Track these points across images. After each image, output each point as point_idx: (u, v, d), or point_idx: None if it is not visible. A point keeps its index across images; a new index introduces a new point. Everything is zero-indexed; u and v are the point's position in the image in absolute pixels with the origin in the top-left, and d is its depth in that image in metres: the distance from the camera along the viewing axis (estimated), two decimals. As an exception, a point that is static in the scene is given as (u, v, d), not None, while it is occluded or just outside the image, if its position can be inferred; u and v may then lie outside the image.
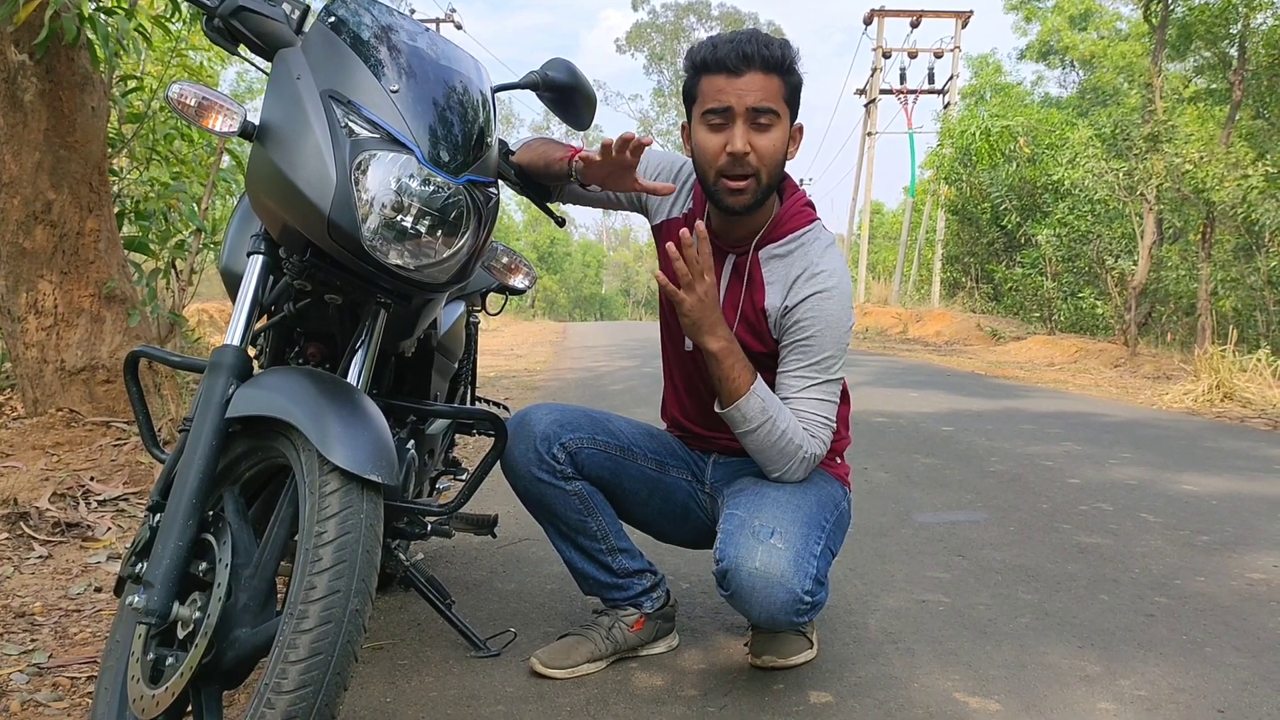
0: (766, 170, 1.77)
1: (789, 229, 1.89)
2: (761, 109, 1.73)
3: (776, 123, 1.76)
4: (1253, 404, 6.65)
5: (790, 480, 1.85)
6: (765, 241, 1.89)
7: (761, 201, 1.82)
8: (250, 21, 1.58)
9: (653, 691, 1.89)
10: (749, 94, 1.73)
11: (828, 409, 1.85)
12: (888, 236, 32.85)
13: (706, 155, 1.79)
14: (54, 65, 3.52)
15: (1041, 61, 27.30)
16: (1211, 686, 1.93)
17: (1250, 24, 11.34)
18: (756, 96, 1.73)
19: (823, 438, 1.84)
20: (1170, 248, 11.73)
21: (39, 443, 3.42)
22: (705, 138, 1.78)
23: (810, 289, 1.83)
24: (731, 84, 1.73)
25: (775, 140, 1.77)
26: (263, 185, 1.53)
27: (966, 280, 18.73)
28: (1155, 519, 3.31)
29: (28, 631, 2.12)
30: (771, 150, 1.77)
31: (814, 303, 1.82)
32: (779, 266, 1.88)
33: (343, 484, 1.33)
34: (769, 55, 1.73)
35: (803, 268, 1.85)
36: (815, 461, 1.85)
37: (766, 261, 1.89)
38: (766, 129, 1.75)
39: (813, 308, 1.82)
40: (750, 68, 1.72)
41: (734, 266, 1.91)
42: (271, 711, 1.22)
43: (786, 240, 1.89)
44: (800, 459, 1.82)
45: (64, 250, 3.63)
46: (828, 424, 1.85)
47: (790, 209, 1.90)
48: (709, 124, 1.77)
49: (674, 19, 45.69)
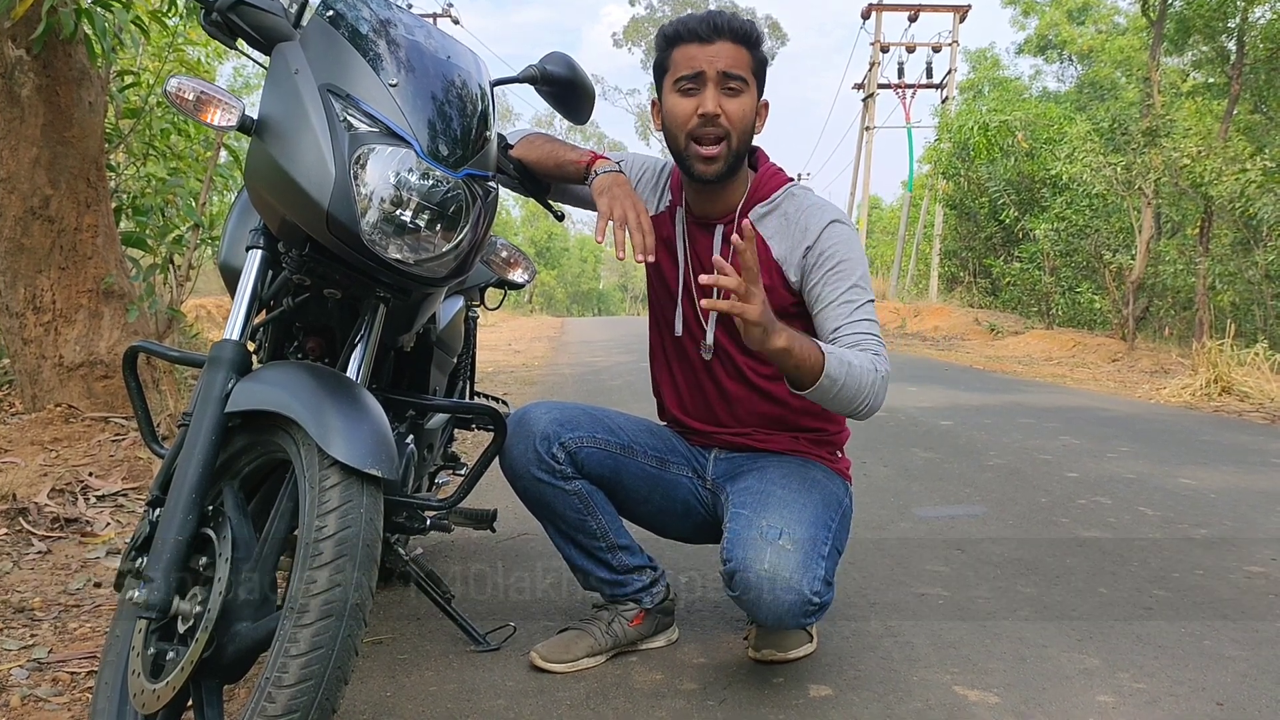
0: (736, 134, 1.81)
1: (769, 190, 1.93)
2: (732, 74, 1.79)
3: (745, 89, 1.81)
4: (1251, 398, 6.66)
5: (876, 410, 1.76)
6: (750, 205, 1.92)
7: (733, 169, 1.85)
8: (248, 16, 1.58)
9: (652, 685, 1.89)
10: (719, 59, 1.78)
11: (876, 328, 1.81)
12: (886, 231, 32.88)
13: (678, 120, 1.82)
14: (51, 60, 3.51)
15: (1039, 56, 27.29)
16: (1210, 679, 1.93)
17: (1248, 18, 11.33)
18: (727, 62, 1.78)
19: (884, 355, 1.78)
20: (1168, 242, 11.72)
21: (38, 438, 3.41)
22: (677, 103, 1.82)
23: (820, 223, 1.85)
24: (703, 50, 1.79)
25: (744, 106, 1.81)
26: (261, 180, 1.53)
27: (964, 275, 18.73)
28: (1154, 512, 3.32)
29: (27, 626, 2.12)
30: (741, 114, 1.81)
31: (832, 230, 1.84)
32: (773, 220, 1.91)
33: (343, 478, 1.33)
34: (737, 26, 1.80)
35: (800, 210, 1.88)
36: (887, 382, 1.77)
37: (759, 220, 1.91)
38: (736, 94, 1.80)
39: (832, 234, 1.84)
40: (720, 36, 1.79)
41: (723, 237, 1.93)
42: (272, 705, 1.22)
43: (771, 199, 1.92)
44: (881, 382, 1.73)
45: (62, 246, 3.63)
46: (881, 343, 1.80)
47: (765, 174, 1.95)
48: (681, 90, 1.82)
49: (671, 13, 45.64)
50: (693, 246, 1.97)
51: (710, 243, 1.94)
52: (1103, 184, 11.23)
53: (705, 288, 1.89)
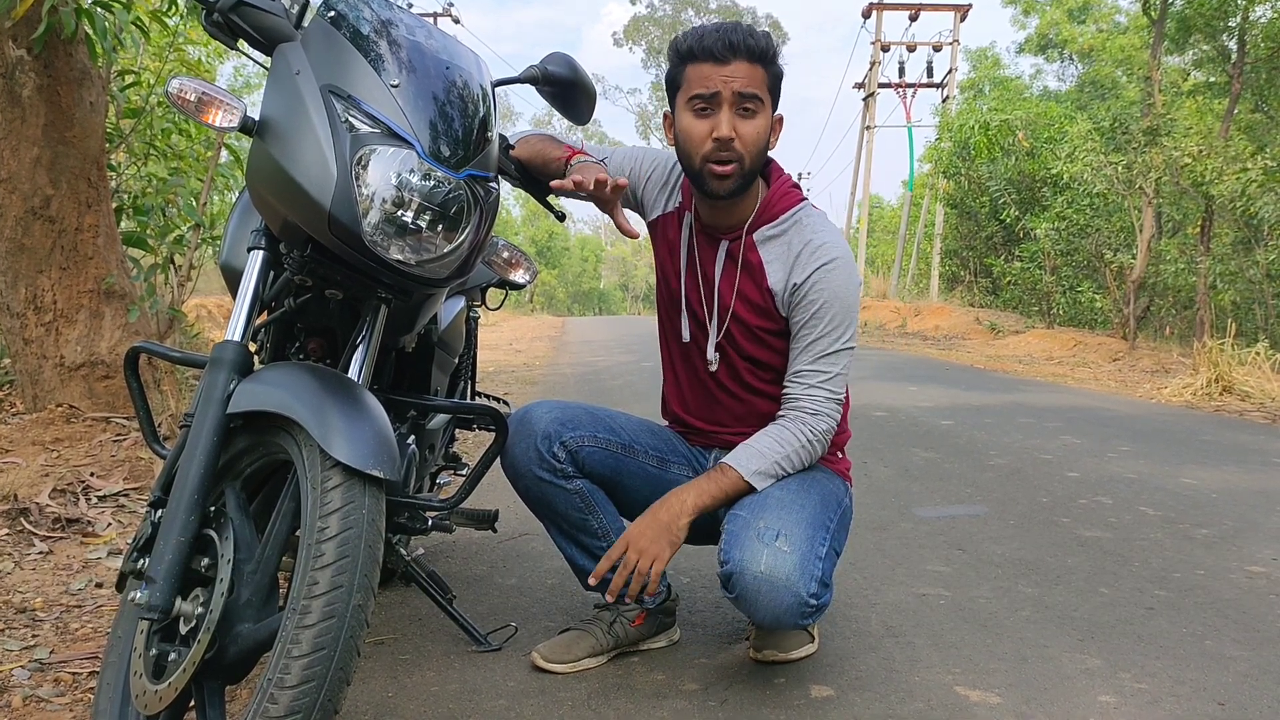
0: (750, 156, 1.80)
1: (779, 210, 1.92)
2: (747, 94, 1.77)
3: (761, 109, 1.80)
4: (1252, 397, 6.66)
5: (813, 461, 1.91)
6: (758, 225, 1.91)
7: (744, 187, 1.84)
8: (250, 16, 1.58)
9: (654, 686, 1.89)
10: (735, 80, 1.76)
11: (834, 382, 1.87)
12: (886, 230, 32.87)
13: (692, 141, 1.81)
14: (52, 60, 3.51)
15: (1040, 55, 27.28)
16: (1212, 679, 1.93)
17: (1249, 16, 11.33)
18: (742, 82, 1.76)
19: (826, 411, 1.87)
20: (1169, 241, 11.71)
21: (39, 438, 3.42)
22: (691, 123, 1.81)
23: (815, 263, 1.85)
24: (718, 71, 1.77)
25: (759, 127, 1.80)
26: (263, 180, 1.53)
27: (965, 274, 18.72)
28: (1155, 512, 3.32)
29: (29, 627, 2.12)
30: (755, 136, 1.79)
31: (819, 276, 1.85)
32: (776, 246, 1.90)
33: (345, 479, 1.33)
34: (754, 45, 1.77)
35: (803, 243, 1.88)
36: (827, 437, 1.89)
37: (763, 243, 1.91)
38: (751, 115, 1.79)
39: (819, 281, 1.85)
40: (736, 56, 1.76)
41: (728, 252, 1.93)
42: (274, 706, 1.22)
43: (779, 221, 1.91)
44: (812, 448, 1.88)
45: (63, 246, 3.63)
46: (832, 396, 1.87)
47: (778, 192, 1.93)
48: (694, 110, 1.80)
49: (672, 12, 45.54)
50: (697, 257, 1.97)
51: (714, 256, 1.93)
52: (1103, 183, 11.23)
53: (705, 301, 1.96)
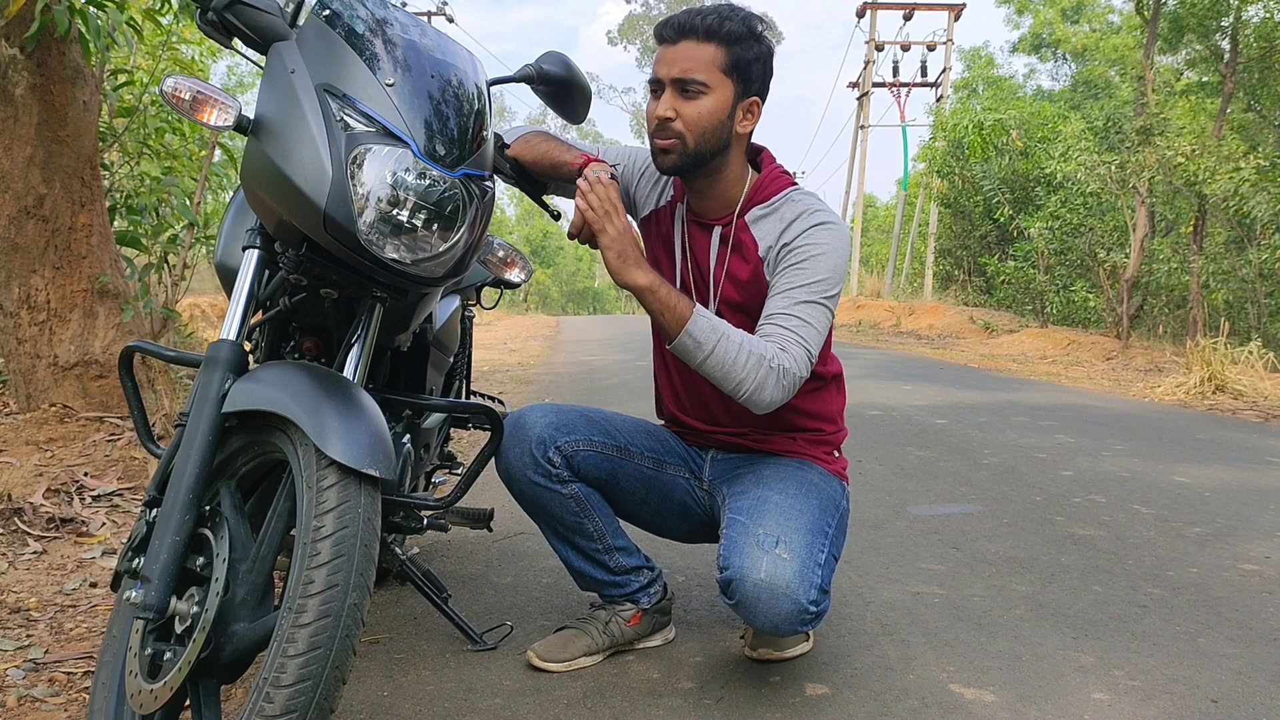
0: (693, 136, 1.80)
1: (770, 193, 1.91)
2: (686, 80, 1.77)
3: (707, 92, 1.79)
4: (1244, 396, 6.69)
5: (764, 400, 1.71)
6: (748, 207, 1.91)
7: (693, 165, 1.84)
8: (244, 15, 1.57)
9: (649, 684, 1.89)
10: (675, 64, 1.78)
11: (808, 331, 1.75)
12: (880, 229, 32.92)
13: (647, 121, 1.85)
14: (45, 59, 3.50)
15: (1034, 54, 27.36)
16: (1205, 677, 1.94)
17: (1242, 16, 11.36)
18: (682, 68, 1.77)
19: (795, 354, 1.72)
20: (1162, 240, 11.74)
21: (32, 438, 3.41)
22: (648, 105, 1.86)
23: (808, 223, 1.84)
24: (664, 54, 1.81)
25: (702, 108, 1.79)
26: (258, 179, 1.53)
27: (959, 273, 18.75)
28: (1148, 511, 3.33)
29: (23, 627, 2.11)
30: (696, 117, 1.79)
31: (812, 233, 1.83)
32: (768, 223, 1.89)
33: (340, 478, 1.33)
34: (707, 24, 1.77)
35: (796, 214, 1.86)
36: (791, 379, 1.71)
37: (754, 223, 1.90)
38: (694, 97, 1.79)
39: (810, 235, 1.82)
40: (684, 37, 1.79)
41: (720, 236, 1.93)
42: (270, 705, 1.22)
43: (771, 201, 1.91)
44: (768, 369, 1.69)
45: (56, 245, 3.62)
46: (802, 343, 1.74)
47: (768, 177, 1.93)
48: (651, 91, 1.85)
49: (667, 12, 45.57)
50: (691, 245, 1.97)
51: (708, 243, 1.93)
52: (1097, 182, 11.27)
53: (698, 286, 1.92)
